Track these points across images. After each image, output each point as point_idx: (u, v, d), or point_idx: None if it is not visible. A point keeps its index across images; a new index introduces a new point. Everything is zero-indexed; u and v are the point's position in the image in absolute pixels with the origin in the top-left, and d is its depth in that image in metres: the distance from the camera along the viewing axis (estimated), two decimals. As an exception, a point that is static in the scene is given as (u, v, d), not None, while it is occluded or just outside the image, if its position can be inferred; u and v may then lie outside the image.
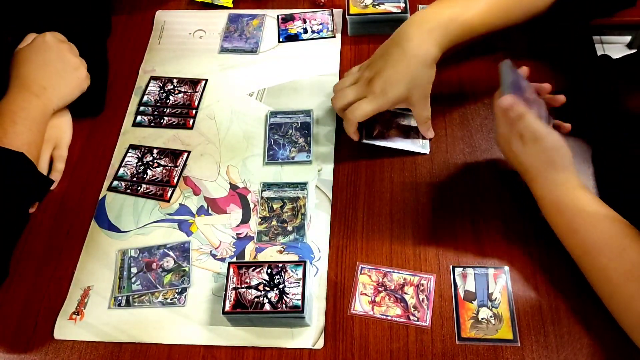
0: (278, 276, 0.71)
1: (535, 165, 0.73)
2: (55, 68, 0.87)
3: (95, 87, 0.93)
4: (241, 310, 0.69)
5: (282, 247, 0.79)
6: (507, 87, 0.72)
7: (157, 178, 0.87)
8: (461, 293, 0.73)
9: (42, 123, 0.84)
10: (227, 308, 0.69)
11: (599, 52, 0.93)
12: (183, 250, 0.79)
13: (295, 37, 1.02)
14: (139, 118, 0.94)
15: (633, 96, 0.80)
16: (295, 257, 0.78)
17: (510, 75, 0.74)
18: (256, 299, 0.69)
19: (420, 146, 0.86)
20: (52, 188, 0.86)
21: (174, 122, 0.93)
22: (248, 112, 0.93)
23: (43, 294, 0.77)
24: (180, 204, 0.84)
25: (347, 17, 0.98)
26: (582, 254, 0.70)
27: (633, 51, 1.03)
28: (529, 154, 0.72)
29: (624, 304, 0.65)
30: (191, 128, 0.92)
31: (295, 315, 0.69)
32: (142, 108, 0.95)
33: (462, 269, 0.75)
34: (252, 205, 0.83)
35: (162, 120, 0.93)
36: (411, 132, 0.87)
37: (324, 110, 0.92)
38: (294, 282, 0.70)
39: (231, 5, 1.07)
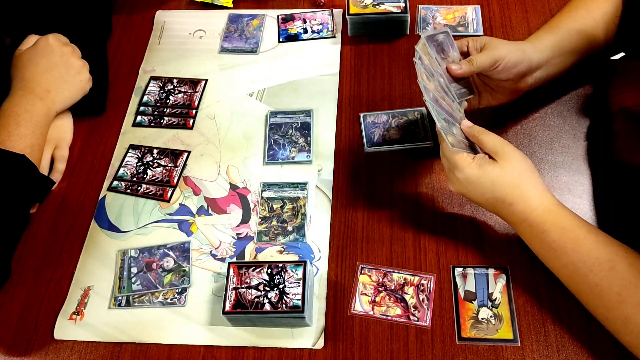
0: (278, 276, 0.71)
1: (506, 191, 0.69)
2: (59, 72, 0.87)
3: (97, 88, 0.93)
4: (241, 310, 0.69)
5: (282, 247, 0.79)
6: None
7: (157, 178, 0.87)
8: (461, 293, 0.73)
9: (45, 126, 0.84)
10: (227, 308, 0.69)
11: None
12: (183, 250, 0.79)
13: (295, 37, 1.02)
14: (139, 118, 0.94)
15: (630, 95, 0.79)
16: (295, 257, 0.78)
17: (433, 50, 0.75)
18: (256, 299, 0.69)
19: (422, 139, 0.86)
20: (52, 188, 0.86)
21: (174, 122, 0.93)
22: (248, 112, 0.93)
23: (43, 294, 0.77)
24: (180, 204, 0.84)
25: (347, 17, 0.97)
26: (572, 275, 0.67)
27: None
28: (497, 181, 0.69)
29: (620, 325, 0.64)
30: (191, 128, 0.92)
31: (295, 315, 0.69)
32: (142, 108, 0.95)
33: (462, 269, 0.75)
34: (252, 205, 0.83)
35: (162, 120, 0.93)
36: (410, 128, 0.87)
37: (324, 110, 0.91)
38: (294, 282, 0.70)
39: (231, 5, 1.07)
